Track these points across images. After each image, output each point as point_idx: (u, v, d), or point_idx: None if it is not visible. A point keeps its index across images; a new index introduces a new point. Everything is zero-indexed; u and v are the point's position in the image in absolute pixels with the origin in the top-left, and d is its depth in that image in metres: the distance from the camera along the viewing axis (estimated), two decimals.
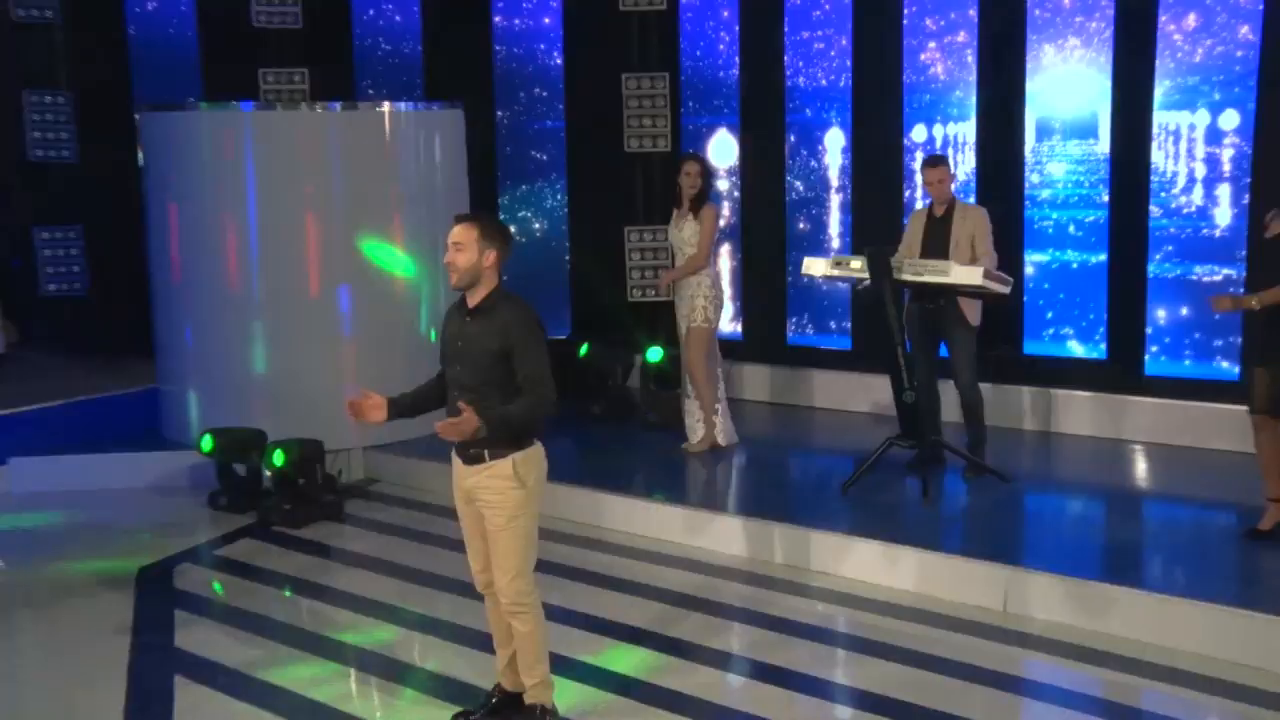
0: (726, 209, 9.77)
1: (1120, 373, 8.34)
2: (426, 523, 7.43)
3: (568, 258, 10.29)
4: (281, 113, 8.56)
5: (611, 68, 9.70)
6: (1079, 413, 8.42)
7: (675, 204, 7.88)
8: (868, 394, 8.97)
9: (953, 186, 7.41)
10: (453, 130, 8.78)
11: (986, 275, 6.87)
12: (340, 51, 10.12)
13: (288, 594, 6.42)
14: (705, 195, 7.79)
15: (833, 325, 9.49)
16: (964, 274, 6.91)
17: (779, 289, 9.56)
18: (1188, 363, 8.17)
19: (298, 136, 8.26)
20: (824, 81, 9.34)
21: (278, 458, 7.43)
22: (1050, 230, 8.58)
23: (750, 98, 9.53)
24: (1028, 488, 7.34)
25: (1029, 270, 8.59)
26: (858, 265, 7.16)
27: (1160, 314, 8.22)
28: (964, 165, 8.75)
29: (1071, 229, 8.51)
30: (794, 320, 9.59)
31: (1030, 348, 8.67)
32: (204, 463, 7.89)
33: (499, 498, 4.54)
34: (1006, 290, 7.05)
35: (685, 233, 7.77)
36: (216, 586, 6.59)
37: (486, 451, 4.51)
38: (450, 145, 8.75)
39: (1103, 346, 8.49)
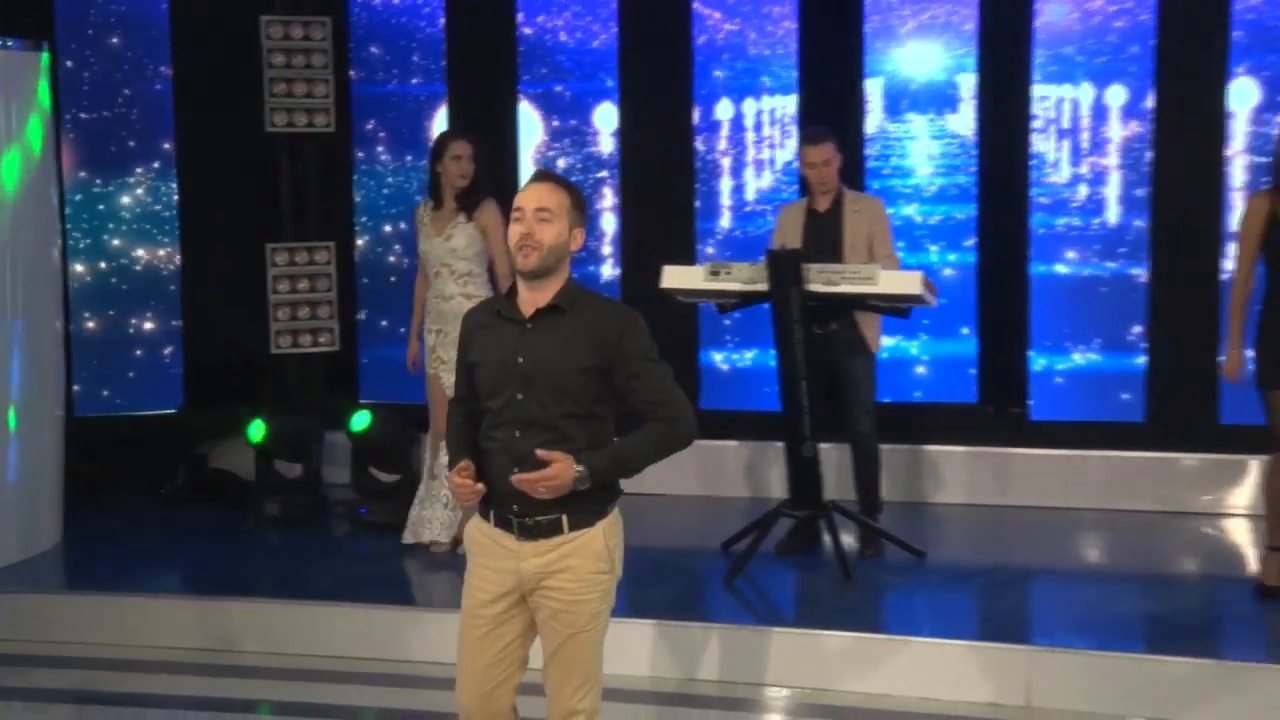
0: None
1: (997, 418, 8.88)
2: (113, 682, 6.90)
3: (176, 287, 9.72)
4: None
5: (246, 8, 9.34)
6: (947, 473, 8.89)
7: (434, 203, 7.78)
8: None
9: (838, 170, 7.60)
10: (28, 88, 8.04)
11: (924, 283, 7.13)
12: None
13: None
14: (480, 187, 7.72)
15: None
16: (897, 281, 7.10)
17: None
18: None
19: None
20: (577, 35, 9.32)
21: None
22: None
23: (461, 56, 9.40)
24: (951, 562, 7.76)
25: None
26: (748, 273, 7.29)
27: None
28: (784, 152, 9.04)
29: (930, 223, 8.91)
30: None
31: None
32: None
33: (580, 586, 4.45)
34: (934, 303, 7.49)
35: (458, 241, 7.64)
36: None
37: (566, 518, 4.40)
38: (30, 113, 8.03)
39: (973, 386, 8.91)
